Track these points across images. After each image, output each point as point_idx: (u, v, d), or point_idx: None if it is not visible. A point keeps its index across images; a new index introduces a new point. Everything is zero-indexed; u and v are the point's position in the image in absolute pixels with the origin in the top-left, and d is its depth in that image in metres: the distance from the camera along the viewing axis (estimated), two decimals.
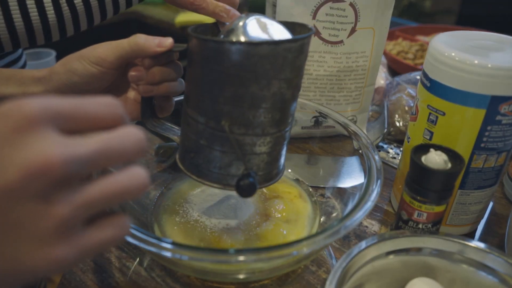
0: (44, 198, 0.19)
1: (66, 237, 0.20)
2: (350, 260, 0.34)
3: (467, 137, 0.41)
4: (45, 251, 0.20)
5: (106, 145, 0.21)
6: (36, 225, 0.19)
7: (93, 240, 0.22)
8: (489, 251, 0.36)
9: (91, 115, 0.22)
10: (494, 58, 0.39)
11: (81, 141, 0.20)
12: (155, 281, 0.42)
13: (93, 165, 0.21)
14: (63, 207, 0.19)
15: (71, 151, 0.19)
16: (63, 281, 0.41)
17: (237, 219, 0.46)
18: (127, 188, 0.22)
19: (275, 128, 0.36)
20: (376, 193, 0.40)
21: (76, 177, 0.20)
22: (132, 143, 0.22)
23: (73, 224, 0.20)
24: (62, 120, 0.20)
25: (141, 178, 0.22)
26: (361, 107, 0.64)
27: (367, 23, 0.57)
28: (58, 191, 0.19)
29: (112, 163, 0.22)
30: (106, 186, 0.21)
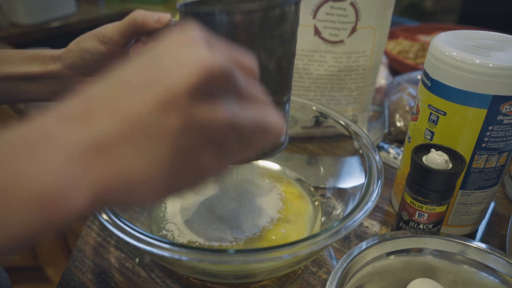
0: (212, 100, 0.20)
1: (219, 148, 0.21)
2: (350, 261, 0.34)
3: (468, 137, 0.41)
4: (208, 154, 0.21)
5: (253, 90, 0.23)
6: (208, 127, 0.20)
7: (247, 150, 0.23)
8: (491, 251, 0.35)
9: (237, 55, 0.23)
10: (495, 58, 0.38)
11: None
12: (155, 281, 0.41)
13: (243, 92, 0.22)
14: (226, 114, 0.20)
15: (231, 63, 0.21)
16: (62, 282, 0.41)
17: (237, 219, 0.46)
18: (271, 129, 0.23)
19: None
20: (376, 194, 0.39)
21: (233, 91, 0.21)
22: (275, 129, 0.23)
23: (227, 137, 0.21)
24: (216, 48, 0.21)
25: (282, 124, 0.23)
26: (361, 107, 0.64)
27: (368, 23, 0.56)
28: (222, 96, 0.20)
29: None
30: (258, 115, 0.22)
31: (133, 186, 0.20)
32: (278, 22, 0.33)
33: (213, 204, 0.48)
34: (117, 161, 0.19)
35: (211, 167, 0.22)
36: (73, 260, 0.43)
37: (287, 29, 0.34)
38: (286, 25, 0.34)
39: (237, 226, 0.45)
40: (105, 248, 0.45)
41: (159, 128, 0.19)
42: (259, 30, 0.33)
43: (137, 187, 0.20)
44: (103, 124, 0.19)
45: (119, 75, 0.20)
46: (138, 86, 0.19)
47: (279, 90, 0.37)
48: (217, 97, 0.20)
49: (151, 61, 0.20)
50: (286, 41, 0.35)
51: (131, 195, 0.20)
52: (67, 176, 0.18)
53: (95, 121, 0.19)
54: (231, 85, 0.21)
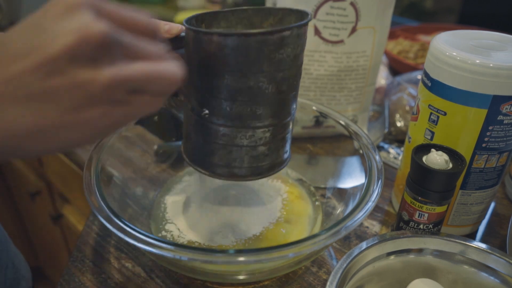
0: (93, 63, 0.22)
1: (114, 98, 0.23)
2: (350, 261, 0.34)
3: (469, 137, 0.41)
4: (96, 110, 0.23)
5: (142, 46, 0.24)
6: (89, 85, 0.22)
7: (134, 106, 0.24)
8: (491, 252, 0.35)
9: (128, 16, 0.24)
10: (496, 58, 0.38)
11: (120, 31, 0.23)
12: (155, 282, 0.41)
13: (130, 50, 0.23)
14: (108, 74, 0.22)
15: (114, 28, 0.22)
16: (62, 282, 0.41)
17: (237, 219, 0.46)
18: (165, 74, 0.24)
19: (258, 123, 0.35)
20: (377, 194, 0.39)
21: (118, 52, 0.23)
22: (169, 75, 0.25)
23: (117, 92, 0.23)
24: (103, 12, 0.23)
25: (178, 71, 0.25)
26: (361, 107, 0.64)
27: (368, 22, 0.56)
28: (103, 58, 0.22)
29: (142, 58, 0.24)
30: (148, 67, 0.24)
31: (18, 140, 0.22)
32: (278, 47, 0.32)
33: (213, 204, 0.48)
34: (1, 118, 0.21)
35: (101, 122, 0.24)
36: (73, 260, 0.43)
37: (288, 54, 0.33)
38: (286, 50, 0.33)
39: (237, 226, 0.45)
40: (105, 248, 0.45)
41: (41, 88, 0.22)
42: (257, 54, 0.32)
43: (23, 141, 0.22)
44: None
45: (4, 41, 0.22)
46: (22, 51, 0.21)
47: (279, 113, 0.36)
48: (99, 59, 0.22)
49: (35, 27, 0.22)
50: (286, 66, 0.34)
51: (19, 147, 0.23)
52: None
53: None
54: (114, 48, 0.22)
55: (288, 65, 0.34)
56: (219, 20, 0.40)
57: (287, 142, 0.40)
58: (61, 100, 0.22)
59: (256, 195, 0.50)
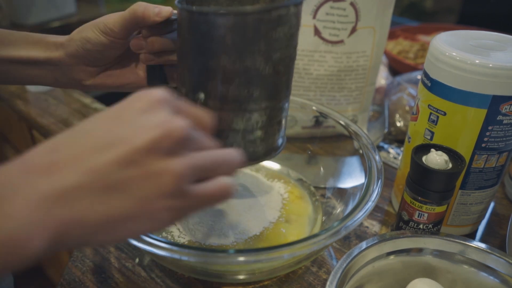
0: (169, 155, 0.23)
1: (182, 190, 0.23)
2: (350, 261, 0.34)
3: (468, 137, 0.41)
4: (164, 202, 0.23)
5: (216, 149, 0.26)
6: (160, 175, 0.23)
7: (202, 193, 0.25)
8: (490, 251, 0.36)
9: (196, 113, 0.26)
10: (495, 58, 0.38)
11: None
12: (155, 281, 0.41)
13: (199, 144, 0.25)
14: (181, 163, 0.23)
15: (190, 124, 0.24)
16: (62, 282, 0.41)
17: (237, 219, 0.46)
18: (229, 160, 0.26)
19: (255, 105, 0.35)
20: (376, 194, 0.39)
21: (191, 147, 0.24)
22: (235, 159, 0.27)
23: (187, 180, 0.23)
24: (179, 109, 0.25)
25: (238, 156, 0.27)
26: (361, 107, 0.64)
27: (368, 23, 0.56)
28: (178, 151, 0.23)
29: (214, 162, 0.26)
30: (213, 154, 0.25)
31: (87, 231, 0.22)
32: (275, 25, 0.32)
33: None
34: (74, 209, 0.21)
35: (169, 214, 0.24)
36: (73, 260, 0.43)
37: (285, 33, 0.33)
38: (283, 28, 0.32)
39: (237, 226, 0.45)
40: (105, 248, 0.45)
41: (117, 179, 0.22)
42: (254, 33, 0.31)
43: (91, 232, 0.22)
44: (65, 177, 0.21)
45: (87, 129, 0.23)
46: (105, 142, 0.22)
47: (276, 95, 0.36)
48: (175, 153, 0.23)
49: (118, 119, 0.23)
50: (283, 45, 0.33)
51: (87, 238, 0.22)
52: (27, 223, 0.20)
53: (58, 173, 0.21)
54: (189, 143, 0.24)
55: (285, 45, 0.33)
56: (209, 2, 0.39)
57: (283, 126, 0.39)
58: (133, 191, 0.22)
59: (256, 195, 0.50)
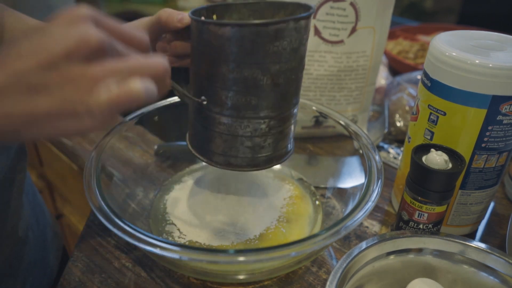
0: (86, 61, 0.25)
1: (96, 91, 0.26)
2: (350, 261, 0.34)
3: (468, 137, 0.41)
4: (80, 95, 0.26)
5: (132, 54, 0.28)
6: (78, 79, 0.25)
7: (108, 97, 0.26)
8: (490, 251, 0.36)
9: (124, 30, 0.28)
10: (495, 58, 0.38)
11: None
12: (155, 281, 0.41)
13: (121, 54, 0.27)
14: (98, 68, 0.26)
15: (109, 37, 0.26)
16: (62, 282, 0.41)
17: (237, 219, 0.46)
18: (150, 63, 0.27)
19: (253, 113, 0.36)
20: (376, 194, 0.39)
21: (109, 53, 0.26)
22: (157, 62, 0.28)
23: (103, 81, 0.26)
24: (102, 25, 0.27)
25: (162, 60, 0.28)
26: (361, 107, 0.64)
27: (368, 23, 0.56)
28: (96, 58, 0.26)
29: (135, 63, 0.27)
30: (133, 59, 0.27)
31: (17, 124, 0.26)
32: (272, 39, 0.32)
33: (213, 204, 0.48)
34: (2, 104, 0.25)
35: (87, 118, 0.26)
36: (73, 260, 0.43)
37: (284, 47, 0.33)
38: (282, 43, 0.33)
39: (238, 226, 0.45)
40: (105, 248, 0.45)
41: (39, 81, 0.25)
42: (251, 46, 0.32)
43: (21, 125, 0.26)
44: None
45: (15, 41, 0.26)
46: (28, 50, 0.26)
47: (275, 106, 0.36)
48: (93, 60, 0.26)
49: (43, 31, 0.26)
50: (283, 59, 0.34)
51: (18, 131, 0.26)
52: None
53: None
54: (107, 53, 0.26)
55: (285, 58, 0.34)
56: (231, 12, 0.40)
57: (287, 137, 0.39)
58: (54, 92, 0.25)
59: (256, 195, 0.50)
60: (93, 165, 0.42)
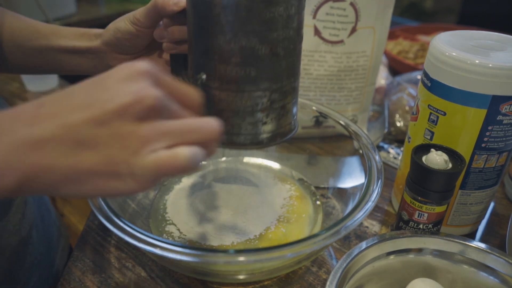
0: (139, 120, 0.25)
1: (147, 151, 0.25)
2: (350, 261, 0.34)
3: (468, 137, 0.41)
4: (126, 155, 0.25)
5: (185, 114, 0.27)
6: (127, 137, 0.24)
7: (153, 161, 0.25)
8: (490, 251, 0.36)
9: (180, 89, 0.28)
10: (495, 58, 0.38)
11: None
12: (155, 281, 0.41)
13: (174, 114, 0.26)
14: (149, 129, 0.25)
15: (166, 96, 0.26)
16: (62, 282, 0.41)
17: (237, 219, 0.46)
18: (202, 128, 0.26)
19: (253, 86, 0.35)
20: (376, 194, 0.40)
21: (162, 113, 0.25)
22: (209, 127, 0.27)
23: (154, 145, 0.25)
24: (160, 82, 0.26)
25: (215, 125, 0.27)
26: (361, 107, 0.64)
27: (368, 23, 0.56)
28: (149, 118, 0.25)
29: (191, 130, 0.26)
30: (185, 122, 0.26)
31: (55, 179, 0.24)
32: (267, 5, 0.32)
33: (214, 204, 0.48)
34: (45, 157, 0.24)
35: (130, 180, 0.25)
36: (73, 260, 0.43)
37: (280, 14, 0.33)
38: (278, 9, 0.32)
39: (238, 226, 0.45)
40: (105, 248, 0.45)
41: (87, 136, 0.24)
42: (246, 13, 0.32)
43: (59, 180, 0.24)
44: (43, 128, 0.24)
45: (72, 92, 0.26)
46: (83, 103, 0.25)
47: (276, 78, 0.36)
48: (145, 119, 0.25)
49: (99, 85, 0.26)
50: (279, 26, 0.33)
51: (54, 186, 0.25)
52: (2, 161, 0.23)
53: (38, 124, 0.24)
54: (162, 113, 0.25)
55: (282, 25, 0.34)
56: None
57: (290, 112, 0.39)
58: (101, 149, 0.24)
59: (256, 195, 0.50)
60: None
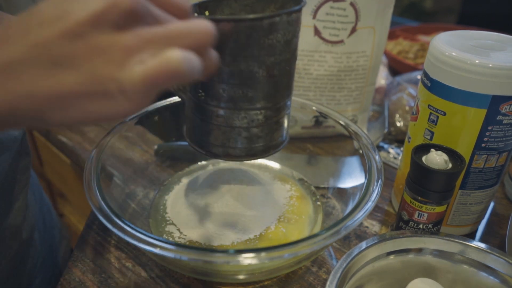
0: (117, 28, 0.22)
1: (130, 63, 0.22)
2: (350, 261, 0.34)
3: (468, 137, 0.41)
4: (111, 70, 0.22)
5: (170, 19, 0.24)
6: (108, 50, 0.22)
7: (143, 72, 0.22)
8: (490, 251, 0.36)
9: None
10: (495, 58, 0.38)
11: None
12: (155, 281, 0.41)
13: (158, 22, 0.24)
14: (130, 37, 0.22)
15: (143, 0, 0.23)
16: (62, 282, 0.41)
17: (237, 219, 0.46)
18: (191, 31, 0.24)
19: (250, 105, 0.36)
20: (376, 194, 0.40)
21: (144, 19, 0.23)
22: (201, 29, 0.24)
23: (140, 55, 0.22)
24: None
25: (207, 26, 0.24)
26: (361, 107, 0.64)
27: (368, 23, 0.56)
28: (130, 25, 0.22)
29: (176, 30, 0.24)
30: (172, 26, 0.23)
31: (39, 104, 0.22)
32: (267, 33, 0.33)
33: (214, 204, 0.48)
34: (22, 81, 0.22)
35: (121, 98, 0.23)
36: (73, 260, 0.43)
37: (278, 40, 0.34)
38: (276, 36, 0.34)
39: (238, 226, 0.45)
40: (105, 248, 0.45)
41: (63, 53, 0.22)
42: (246, 40, 0.33)
43: (43, 105, 0.22)
44: (11, 49, 0.22)
45: (38, 8, 0.23)
46: (51, 17, 0.22)
47: (271, 96, 0.37)
48: (124, 27, 0.22)
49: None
50: (277, 51, 0.34)
51: (40, 112, 0.23)
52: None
53: (6, 46, 0.22)
54: (141, 17, 0.23)
55: (279, 50, 0.35)
56: (222, 7, 0.41)
57: (282, 126, 0.40)
58: (82, 66, 0.22)
59: (257, 195, 0.50)
60: (93, 165, 0.42)
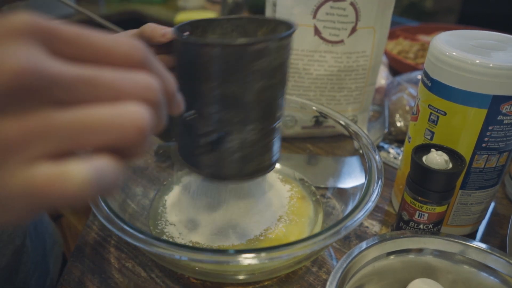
0: (2, 110, 0.15)
1: (7, 163, 0.15)
2: (350, 261, 0.34)
3: (468, 137, 0.41)
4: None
5: (98, 75, 0.17)
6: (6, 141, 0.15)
7: (39, 178, 0.15)
8: (491, 251, 0.35)
9: (97, 45, 0.18)
10: (495, 58, 0.38)
11: (67, 64, 0.16)
12: (155, 281, 0.41)
13: (72, 93, 0.16)
14: (20, 125, 0.15)
15: (43, 65, 0.15)
16: (62, 282, 0.41)
17: (237, 219, 0.46)
18: (113, 123, 0.16)
19: (237, 128, 0.36)
20: (376, 194, 0.39)
21: (45, 98, 0.16)
22: (139, 85, 0.17)
23: (31, 151, 0.15)
24: (55, 41, 0.17)
25: (138, 116, 0.17)
26: (361, 107, 0.64)
27: (368, 23, 0.56)
28: (14, 107, 0.15)
29: (101, 100, 0.17)
30: (84, 115, 0.16)
31: None
32: (253, 59, 0.32)
33: (214, 204, 0.48)
34: None
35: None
36: (73, 260, 0.43)
37: (265, 66, 0.33)
38: (263, 62, 0.33)
39: (238, 226, 0.45)
40: (105, 248, 0.45)
41: None
42: (232, 65, 0.32)
43: None
44: None
45: None
46: None
47: (259, 120, 0.36)
48: (20, 108, 0.15)
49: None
50: (265, 77, 0.34)
51: None
52: None
53: None
54: (48, 92, 0.16)
55: (268, 75, 0.34)
56: (214, 27, 0.40)
57: (272, 148, 0.40)
58: None
59: (257, 195, 0.50)
60: None
